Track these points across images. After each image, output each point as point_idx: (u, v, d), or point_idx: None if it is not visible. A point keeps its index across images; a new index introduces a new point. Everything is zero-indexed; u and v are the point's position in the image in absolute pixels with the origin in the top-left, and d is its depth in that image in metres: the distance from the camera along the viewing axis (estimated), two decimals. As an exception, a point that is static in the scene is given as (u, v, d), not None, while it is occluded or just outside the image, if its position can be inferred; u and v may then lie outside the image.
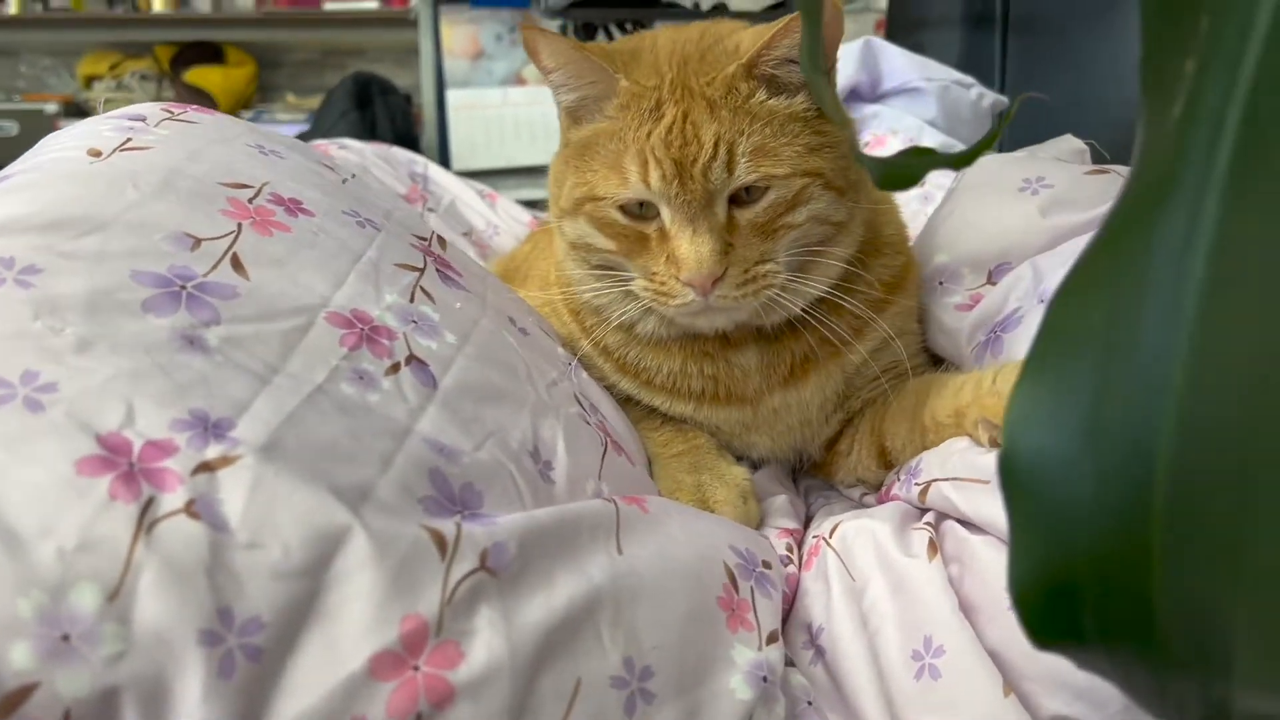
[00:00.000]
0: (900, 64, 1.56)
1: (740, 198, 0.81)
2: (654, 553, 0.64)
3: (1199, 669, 0.40)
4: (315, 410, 0.58)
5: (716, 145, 0.79)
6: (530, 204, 2.01)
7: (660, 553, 0.65)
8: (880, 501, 0.87)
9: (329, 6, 3.95)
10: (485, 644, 0.52)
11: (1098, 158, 1.03)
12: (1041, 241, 0.90)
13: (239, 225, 0.68)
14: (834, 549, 0.78)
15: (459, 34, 3.23)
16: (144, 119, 0.77)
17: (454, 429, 0.64)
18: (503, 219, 1.63)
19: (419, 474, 0.59)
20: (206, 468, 0.51)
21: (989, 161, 0.99)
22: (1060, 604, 0.43)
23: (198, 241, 0.65)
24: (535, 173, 3.10)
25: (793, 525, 0.90)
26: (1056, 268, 0.88)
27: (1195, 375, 0.39)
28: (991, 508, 0.71)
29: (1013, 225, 0.92)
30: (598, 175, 0.84)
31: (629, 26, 2.11)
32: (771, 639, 0.67)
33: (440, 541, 0.54)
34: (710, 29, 0.88)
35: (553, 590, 0.57)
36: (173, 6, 3.97)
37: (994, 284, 0.93)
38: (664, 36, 0.88)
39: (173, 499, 0.49)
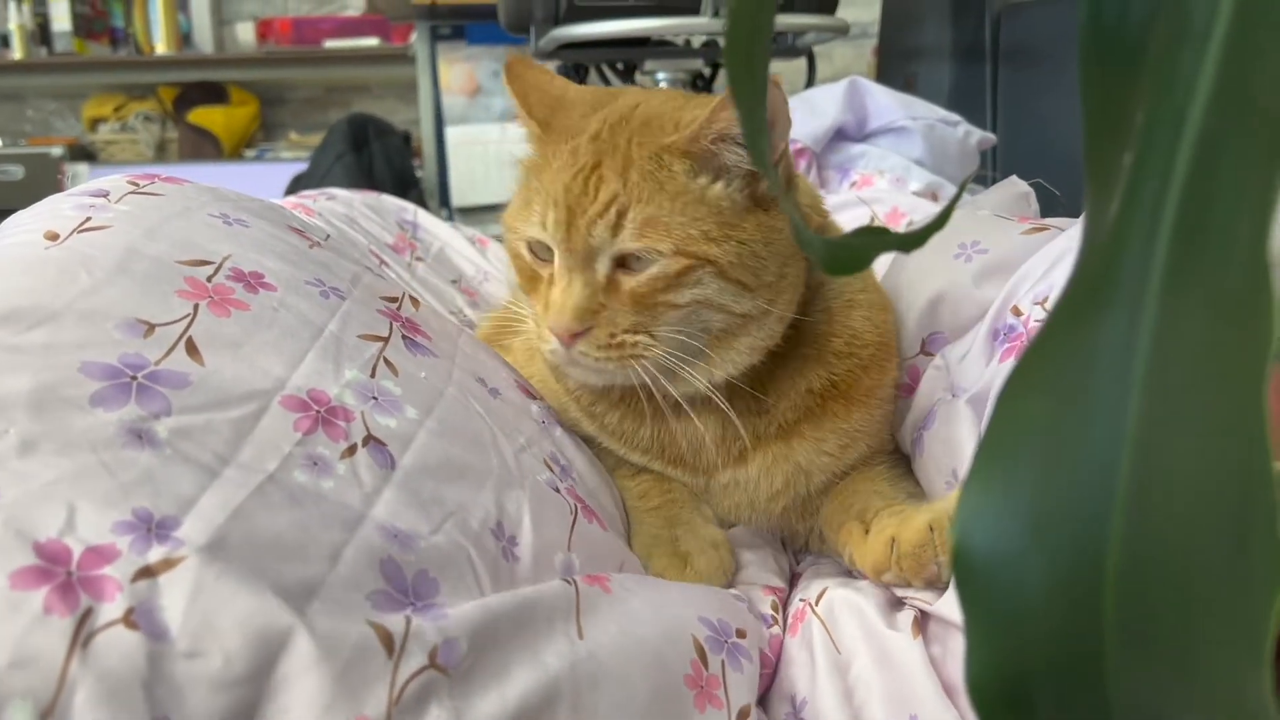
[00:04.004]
0: (885, 103, 1.56)
1: (630, 264, 0.79)
2: (616, 635, 0.63)
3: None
4: (264, 503, 0.57)
5: (609, 204, 0.78)
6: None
7: (623, 633, 0.63)
8: None
9: (330, 44, 3.98)
10: (435, 746, 0.51)
11: (1047, 196, 1.03)
12: (972, 313, 0.90)
13: (195, 306, 0.67)
14: (819, 617, 0.77)
15: (456, 71, 3.25)
16: (106, 194, 0.77)
17: (411, 512, 0.63)
18: (493, 264, 1.62)
19: (369, 566, 0.58)
20: (148, 573, 0.50)
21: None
22: (1016, 701, 0.42)
23: (151, 327, 0.64)
24: (534, 207, 3.11)
25: (777, 583, 0.88)
26: (964, 359, 0.88)
27: (1139, 477, 0.38)
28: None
29: (946, 295, 0.92)
30: (516, 208, 0.86)
31: (620, 67, 2.12)
32: (743, 715, 0.66)
33: (387, 640, 0.53)
34: (676, 98, 0.87)
35: (508, 683, 0.56)
36: (175, 48, 4.01)
37: (928, 354, 0.92)
38: (630, 94, 0.88)
39: (111, 609, 0.48)
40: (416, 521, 0.63)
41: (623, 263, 0.79)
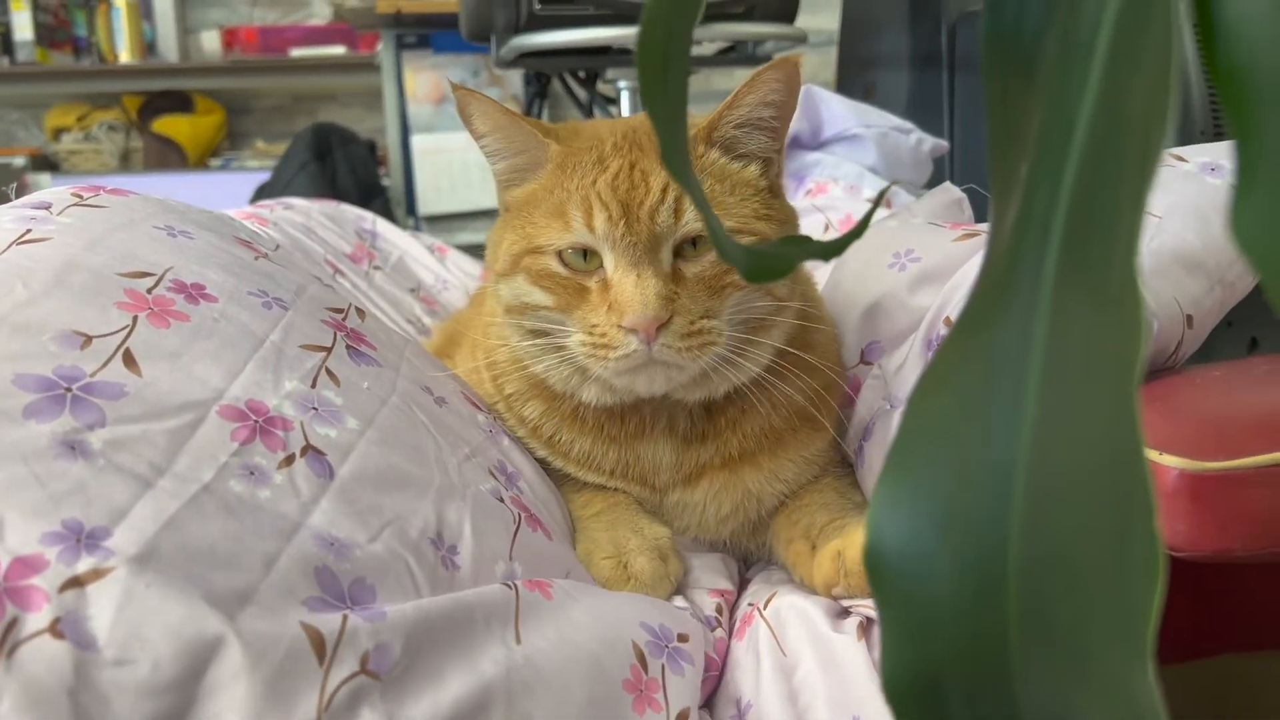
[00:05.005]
0: (840, 111, 1.57)
1: (685, 252, 0.81)
2: (554, 640, 0.64)
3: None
4: (198, 513, 0.57)
5: (665, 191, 0.79)
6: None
7: (561, 639, 0.64)
8: None
9: (296, 53, 3.97)
10: (365, 751, 0.52)
11: (979, 200, 1.04)
12: (907, 322, 0.91)
13: (134, 318, 0.68)
14: (767, 621, 0.78)
15: (422, 80, 3.26)
16: (49, 206, 0.77)
17: (348, 521, 0.64)
18: (452, 273, 1.63)
19: (304, 574, 0.58)
20: (76, 583, 0.50)
21: (870, 230, 1.00)
22: (929, 700, 0.43)
23: (88, 339, 0.64)
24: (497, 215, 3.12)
25: (725, 586, 0.89)
26: (900, 369, 0.90)
27: (1035, 474, 0.39)
28: None
29: (881, 304, 0.94)
30: (537, 226, 0.83)
31: (582, 75, 2.13)
32: (682, 717, 0.67)
33: (319, 644, 0.54)
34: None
35: (442, 688, 0.56)
36: (140, 56, 3.99)
37: (867, 363, 0.94)
38: (611, 121, 0.91)
39: (37, 619, 0.48)
40: (354, 530, 0.63)
41: (678, 251, 0.81)
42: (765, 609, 0.79)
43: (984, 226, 0.95)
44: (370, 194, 2.76)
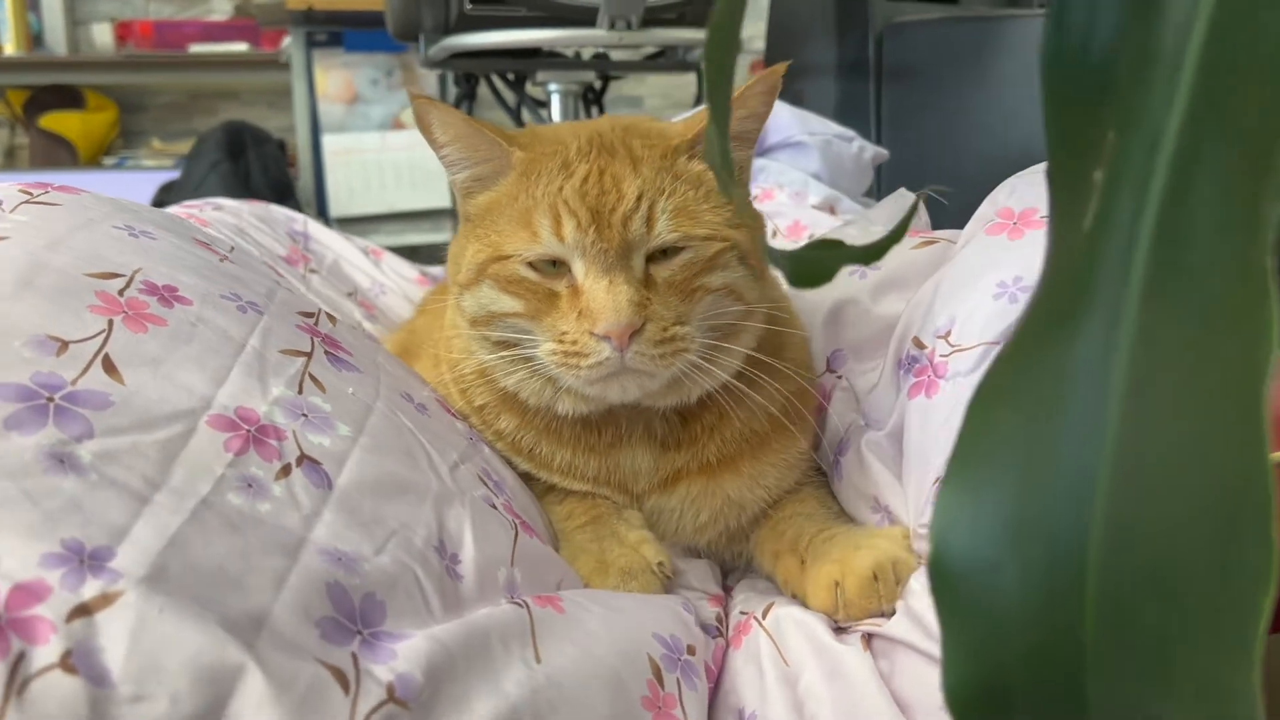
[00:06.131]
0: (784, 119, 1.58)
1: (655, 257, 0.79)
2: (575, 657, 0.61)
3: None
4: (201, 529, 0.54)
5: (639, 199, 0.77)
6: (413, 251, 1.97)
7: (581, 655, 0.62)
8: None
9: (195, 49, 3.82)
10: (399, 782, 0.49)
11: (935, 205, 1.06)
12: (870, 331, 0.92)
13: (109, 322, 0.63)
14: (767, 630, 0.77)
15: (334, 78, 3.18)
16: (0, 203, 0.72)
17: (353, 532, 0.60)
18: (389, 277, 1.58)
19: (315, 592, 0.55)
20: (84, 611, 0.46)
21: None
22: (993, 708, 0.42)
23: (64, 344, 0.60)
24: (417, 218, 3.05)
25: (717, 591, 0.88)
26: (871, 390, 0.91)
27: (1119, 484, 0.39)
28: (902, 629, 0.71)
29: (844, 311, 0.94)
30: (503, 234, 0.81)
31: (511, 77, 2.10)
32: (699, 734, 0.66)
33: (340, 676, 0.51)
34: (627, 118, 0.88)
35: (468, 713, 0.54)
36: (25, 48, 3.78)
37: (832, 371, 0.95)
38: (573, 124, 0.88)
39: (46, 652, 0.44)
40: (359, 542, 0.60)
41: (650, 256, 0.79)
42: (765, 619, 0.78)
43: (942, 233, 0.96)
44: (283, 195, 2.67)
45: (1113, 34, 0.42)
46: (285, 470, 0.61)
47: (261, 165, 2.58)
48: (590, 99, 2.12)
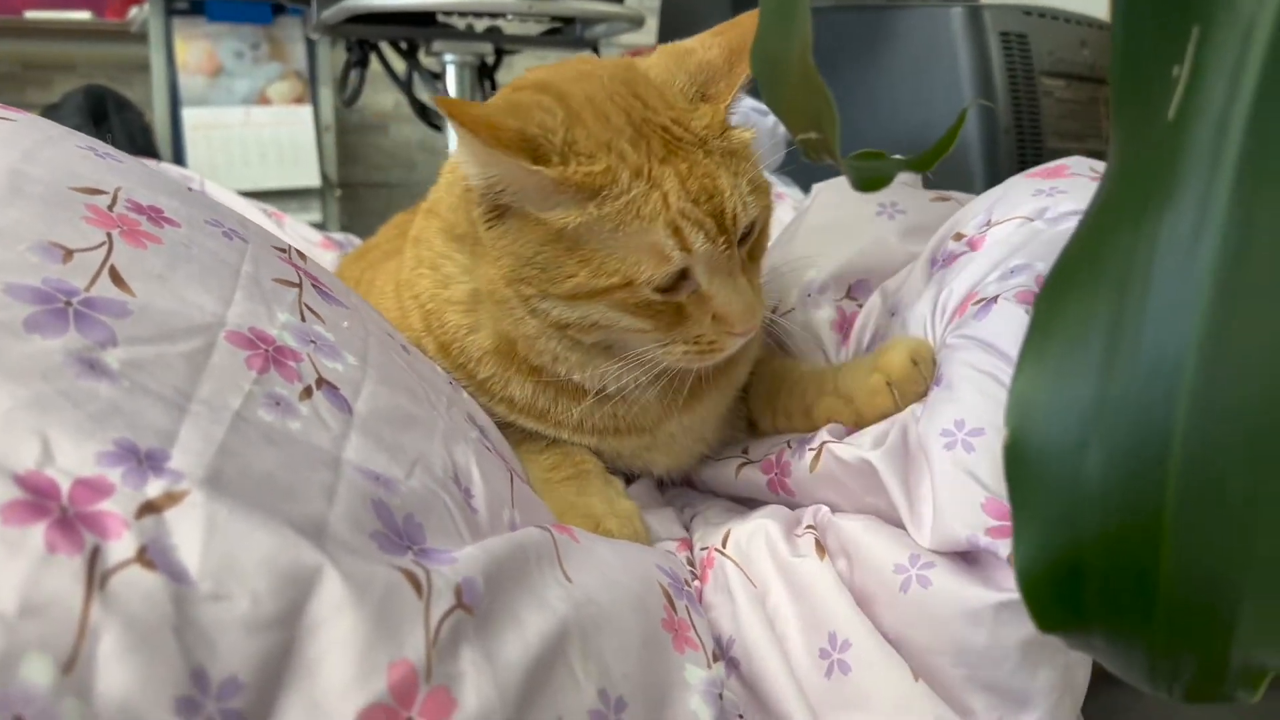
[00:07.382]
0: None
1: (743, 238, 0.79)
2: (600, 580, 0.61)
3: (1198, 638, 0.42)
4: (243, 439, 0.51)
5: (734, 189, 0.75)
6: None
7: (605, 580, 0.62)
8: (767, 472, 0.87)
9: (31, 15, 3.56)
10: (474, 689, 0.47)
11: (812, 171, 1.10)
12: (897, 263, 0.95)
13: (109, 235, 0.59)
14: (730, 558, 0.77)
15: (195, 49, 3.03)
16: (-47, 115, 0.66)
17: (381, 456, 0.58)
18: (293, 239, 1.52)
19: (363, 507, 0.53)
20: (152, 508, 0.43)
21: (842, 182, 1.03)
22: (1065, 587, 0.44)
23: (69, 253, 0.56)
24: (284, 196, 2.93)
25: (682, 535, 0.89)
26: (901, 289, 0.93)
27: (1209, 360, 0.40)
28: (872, 459, 0.74)
29: (872, 248, 0.96)
30: (626, 262, 0.73)
31: (403, 45, 2.05)
32: (716, 656, 0.66)
33: (413, 579, 0.49)
34: (614, 71, 0.81)
35: (523, 627, 0.53)
36: None
37: (853, 299, 0.96)
38: (575, 90, 0.78)
39: (121, 547, 0.41)
40: (389, 466, 0.58)
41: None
42: (726, 547, 0.79)
43: (954, 194, 0.99)
44: (147, 165, 2.52)
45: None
46: (308, 391, 0.59)
47: (127, 133, 2.43)
48: (484, 72, 2.09)
